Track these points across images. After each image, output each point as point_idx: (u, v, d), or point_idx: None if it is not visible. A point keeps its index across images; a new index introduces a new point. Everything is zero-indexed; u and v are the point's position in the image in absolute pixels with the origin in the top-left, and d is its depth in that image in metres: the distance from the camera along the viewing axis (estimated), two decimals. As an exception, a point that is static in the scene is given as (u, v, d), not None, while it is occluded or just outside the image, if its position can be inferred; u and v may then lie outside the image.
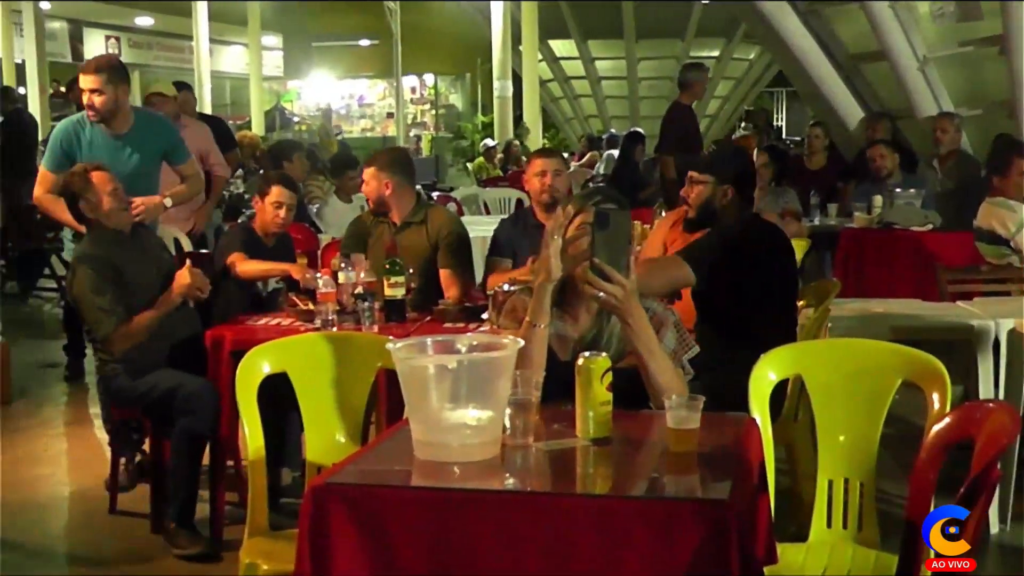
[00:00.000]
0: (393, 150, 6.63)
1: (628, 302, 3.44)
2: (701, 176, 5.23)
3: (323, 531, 2.84)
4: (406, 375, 3.07)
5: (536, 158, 6.40)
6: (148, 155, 6.16)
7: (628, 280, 3.43)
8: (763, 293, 4.94)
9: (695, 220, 5.27)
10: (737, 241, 5.01)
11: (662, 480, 3.08)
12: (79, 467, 6.92)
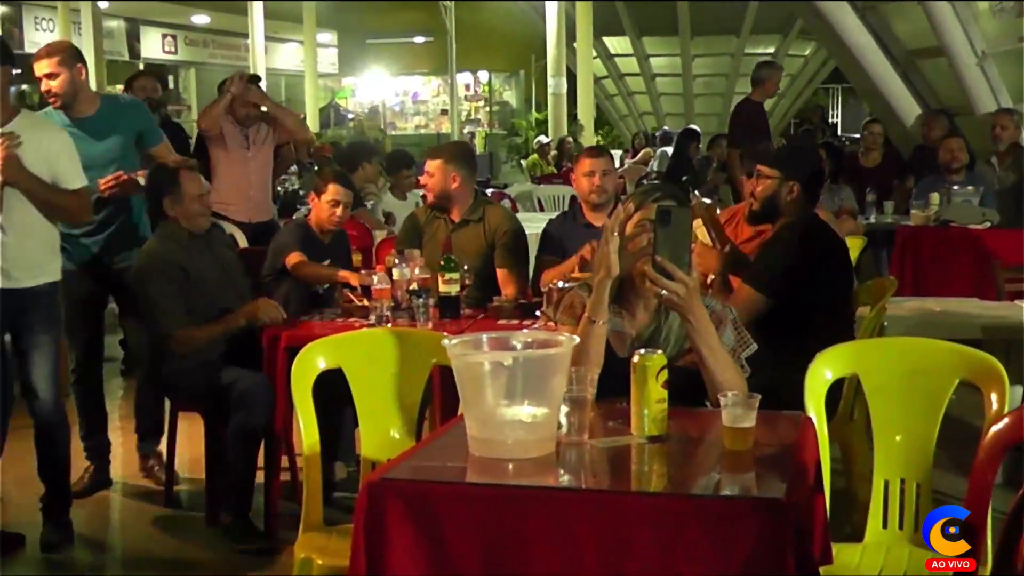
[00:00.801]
0: (459, 144, 6.62)
1: (690, 299, 3.43)
2: (769, 171, 5.20)
3: (378, 526, 2.84)
4: (461, 371, 3.07)
5: (585, 157, 6.30)
6: (118, 140, 6.04)
7: (690, 277, 3.42)
8: (820, 292, 4.92)
9: (758, 213, 5.25)
10: (797, 241, 4.99)
11: (718, 478, 3.07)
12: (135, 460, 6.97)
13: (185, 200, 5.60)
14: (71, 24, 23.81)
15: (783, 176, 5.15)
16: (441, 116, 31.64)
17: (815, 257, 4.99)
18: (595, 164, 6.16)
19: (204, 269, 5.59)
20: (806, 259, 4.95)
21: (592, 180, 6.10)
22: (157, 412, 6.26)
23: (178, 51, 29.18)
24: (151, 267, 5.55)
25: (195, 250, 5.64)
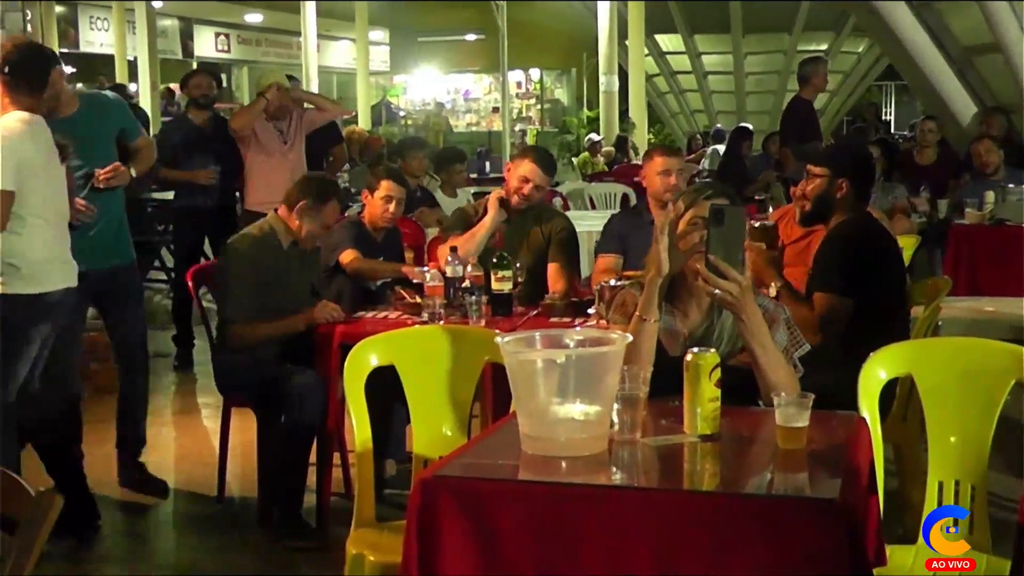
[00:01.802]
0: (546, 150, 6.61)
1: (743, 299, 3.42)
2: (818, 169, 5.17)
3: (431, 523, 2.86)
4: (514, 369, 3.08)
5: (659, 156, 6.21)
6: (98, 136, 5.97)
7: (743, 276, 3.41)
8: (874, 290, 4.89)
9: (810, 213, 5.22)
10: (850, 239, 4.96)
11: (771, 478, 3.06)
12: (187, 455, 7.03)
13: (318, 221, 5.66)
14: (126, 23, 24.01)
15: (832, 174, 5.12)
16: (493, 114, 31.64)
17: (868, 255, 4.96)
18: (671, 163, 6.12)
19: (287, 280, 5.64)
20: (859, 257, 4.92)
21: (667, 179, 6.05)
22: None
23: (231, 50, 29.37)
24: (241, 252, 5.60)
25: (290, 260, 5.68)
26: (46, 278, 5.07)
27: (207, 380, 6.85)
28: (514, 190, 5.99)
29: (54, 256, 5.10)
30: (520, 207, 6.01)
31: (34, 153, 5.04)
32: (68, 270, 5.16)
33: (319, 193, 5.67)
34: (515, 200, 5.99)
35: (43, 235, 5.06)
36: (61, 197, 5.15)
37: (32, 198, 5.01)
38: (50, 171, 5.10)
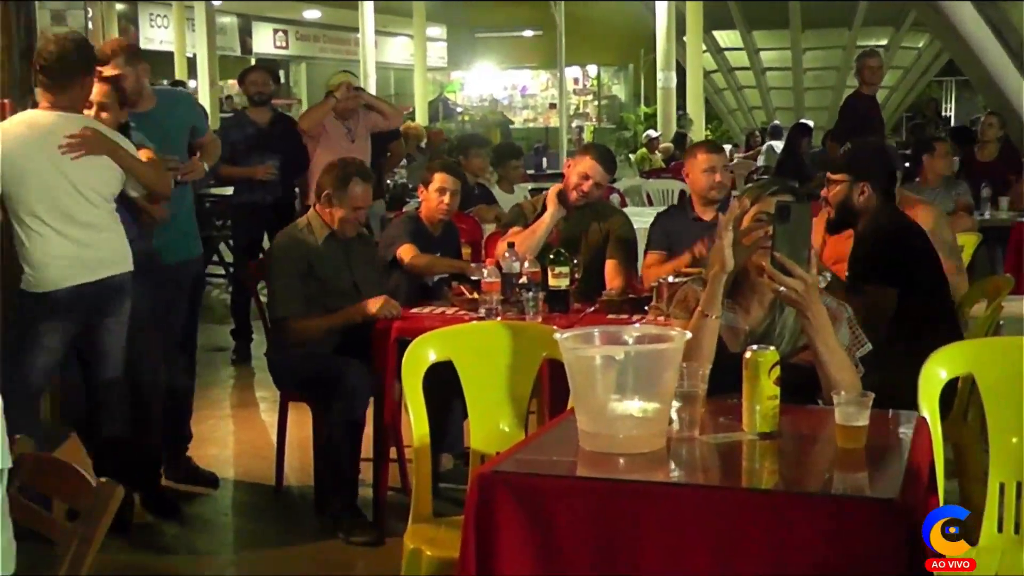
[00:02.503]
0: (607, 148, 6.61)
1: (809, 296, 3.40)
2: (836, 176, 5.15)
3: (488, 519, 2.86)
4: (573, 365, 3.08)
5: (703, 153, 6.17)
6: (174, 131, 6.08)
7: (809, 274, 3.39)
8: (910, 287, 4.85)
9: (836, 221, 5.19)
10: (879, 239, 4.93)
11: (830, 477, 3.04)
12: (245, 448, 7.09)
13: (345, 204, 5.66)
14: (185, 20, 24.18)
15: (852, 178, 5.09)
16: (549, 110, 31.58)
17: (899, 252, 4.93)
18: (715, 160, 6.08)
19: (330, 270, 5.65)
20: (891, 255, 4.90)
21: (712, 177, 6.02)
22: None
23: (289, 46, 29.48)
24: (279, 251, 5.66)
25: (328, 249, 5.69)
26: (48, 278, 5.13)
27: (265, 374, 6.87)
28: (573, 186, 5.97)
29: (57, 255, 5.13)
30: (579, 203, 5.99)
31: (24, 154, 5.08)
32: (77, 267, 5.16)
33: (339, 178, 5.68)
34: (574, 196, 5.97)
35: (41, 236, 5.10)
36: (69, 197, 5.13)
37: (27, 199, 5.08)
38: (52, 172, 5.10)
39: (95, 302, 5.20)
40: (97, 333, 5.26)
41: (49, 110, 5.16)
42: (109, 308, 5.23)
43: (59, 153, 5.09)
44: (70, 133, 5.11)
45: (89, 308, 5.19)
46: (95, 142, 5.16)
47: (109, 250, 5.23)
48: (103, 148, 5.17)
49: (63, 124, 5.12)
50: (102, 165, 5.19)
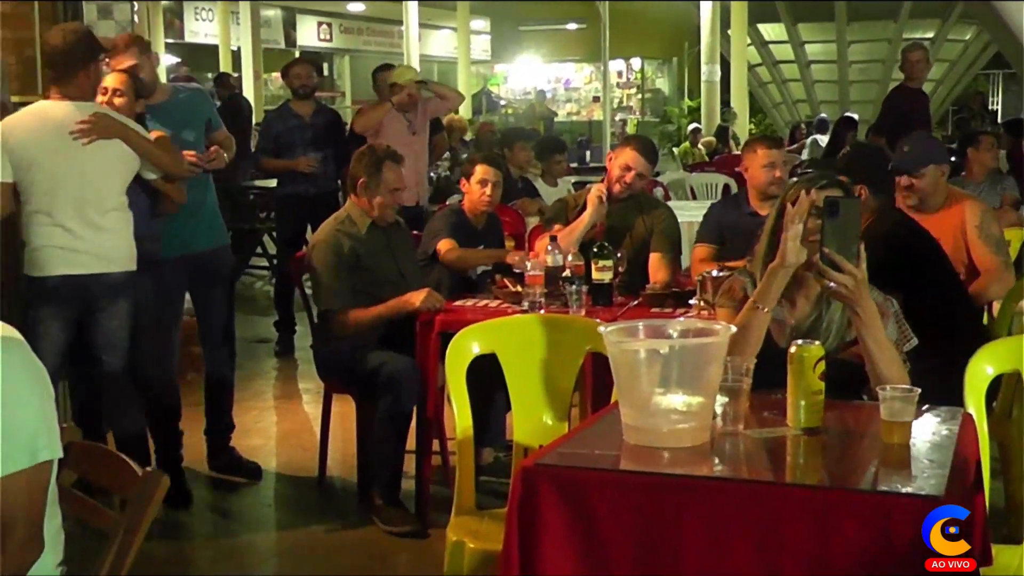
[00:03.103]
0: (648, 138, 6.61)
1: (859, 292, 3.38)
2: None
3: (532, 512, 2.87)
4: (617, 359, 3.08)
5: (763, 148, 6.11)
6: (191, 125, 6.07)
7: (859, 269, 3.37)
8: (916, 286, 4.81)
9: None
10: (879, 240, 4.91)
11: (875, 473, 3.03)
12: (288, 439, 7.12)
13: (381, 189, 5.67)
14: (230, 14, 24.29)
15: (851, 180, 5.06)
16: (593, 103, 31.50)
17: (900, 253, 4.89)
18: (774, 155, 6.05)
19: (376, 259, 5.66)
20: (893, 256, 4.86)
21: (772, 172, 5.98)
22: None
23: (333, 39, 29.52)
24: (323, 244, 5.65)
25: (372, 238, 5.69)
26: (43, 263, 5.17)
27: (308, 366, 6.92)
28: (616, 179, 5.97)
29: (53, 244, 5.16)
30: (622, 196, 5.98)
31: (33, 143, 5.13)
32: (68, 258, 5.18)
33: (371, 164, 5.69)
34: (617, 188, 5.96)
35: (40, 223, 5.15)
36: (79, 187, 5.17)
37: (33, 188, 5.13)
38: (62, 161, 5.14)
39: (85, 296, 5.21)
40: (93, 327, 5.28)
41: (59, 100, 5.21)
42: (101, 304, 5.25)
43: (71, 142, 5.13)
44: (80, 120, 5.15)
45: (79, 301, 5.20)
46: (106, 126, 5.20)
47: (105, 247, 5.24)
48: (114, 132, 5.21)
49: (74, 112, 5.17)
50: (115, 151, 5.23)
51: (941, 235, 5.30)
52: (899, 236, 4.97)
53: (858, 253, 3.40)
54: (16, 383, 2.66)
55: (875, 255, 4.89)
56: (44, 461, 2.67)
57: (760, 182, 6.02)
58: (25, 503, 2.63)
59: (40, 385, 2.71)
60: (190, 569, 5.27)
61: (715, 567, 2.77)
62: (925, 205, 5.54)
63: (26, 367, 2.70)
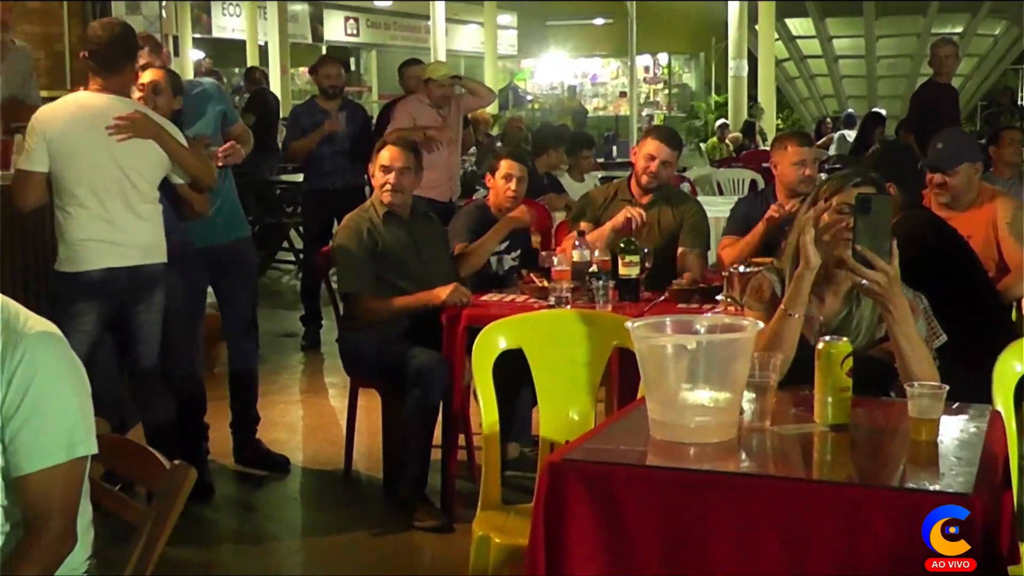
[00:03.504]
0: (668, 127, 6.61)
1: (891, 289, 3.36)
2: None
3: (558, 507, 2.86)
4: (644, 354, 3.07)
5: (793, 145, 6.06)
6: (209, 121, 6.07)
7: (891, 267, 3.36)
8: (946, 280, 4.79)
9: None
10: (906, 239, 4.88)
11: (902, 470, 3.02)
12: (314, 433, 7.14)
13: (376, 169, 5.75)
14: (257, 9, 24.35)
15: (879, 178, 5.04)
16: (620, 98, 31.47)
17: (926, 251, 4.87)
18: (804, 153, 6.02)
19: (394, 249, 5.67)
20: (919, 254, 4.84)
21: (802, 170, 5.96)
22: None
23: (360, 34, 29.56)
24: (344, 230, 5.71)
25: (391, 228, 5.71)
26: (84, 258, 5.18)
27: (334, 360, 6.93)
28: (641, 170, 5.97)
29: (91, 237, 5.18)
30: (650, 186, 5.98)
31: (73, 133, 5.14)
32: (110, 251, 5.20)
33: (376, 151, 5.79)
34: (644, 180, 5.96)
35: (79, 216, 5.16)
36: (114, 179, 5.18)
37: (70, 179, 5.14)
38: (100, 153, 5.16)
39: (126, 288, 5.23)
40: (129, 320, 5.30)
41: (100, 92, 5.23)
42: (139, 296, 5.27)
43: (108, 134, 5.14)
44: (119, 115, 5.17)
45: (120, 294, 5.22)
46: (143, 125, 5.21)
47: (144, 238, 5.26)
48: (150, 132, 5.22)
49: (114, 106, 5.18)
50: (148, 149, 5.23)
51: (972, 232, 5.27)
52: (926, 234, 4.95)
53: (890, 250, 3.38)
54: (55, 378, 2.68)
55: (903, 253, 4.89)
56: (80, 457, 2.69)
57: (790, 179, 5.99)
58: (60, 497, 2.65)
59: (78, 380, 2.73)
60: (216, 562, 5.29)
61: (742, 563, 2.76)
62: (957, 203, 5.53)
63: (65, 362, 2.72)
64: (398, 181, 5.72)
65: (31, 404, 2.62)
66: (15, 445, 2.63)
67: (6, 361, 2.63)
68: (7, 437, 2.63)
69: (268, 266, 12.93)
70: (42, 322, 2.73)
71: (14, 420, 2.62)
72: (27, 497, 2.64)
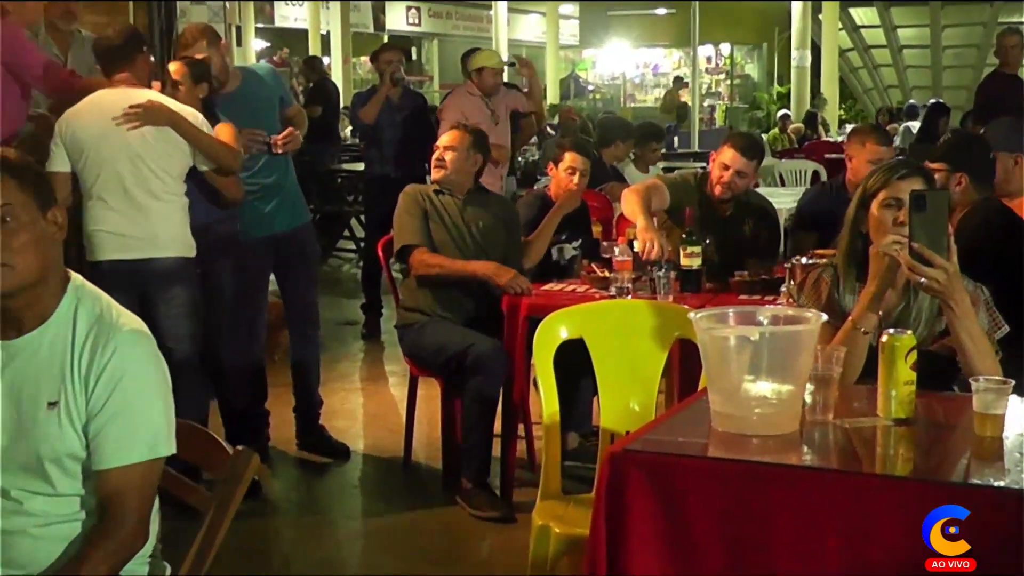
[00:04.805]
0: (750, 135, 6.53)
1: (951, 285, 3.32)
2: (935, 165, 5.04)
3: (619, 497, 2.85)
4: (707, 345, 3.06)
5: (872, 144, 5.92)
6: (262, 107, 6.10)
7: (950, 263, 3.32)
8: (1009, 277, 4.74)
9: None
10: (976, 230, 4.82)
11: (966, 465, 2.98)
12: (374, 421, 7.17)
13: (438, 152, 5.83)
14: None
15: (950, 168, 4.97)
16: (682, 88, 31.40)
17: (995, 243, 4.81)
18: (883, 153, 5.87)
19: (438, 221, 5.72)
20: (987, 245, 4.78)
21: None
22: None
23: (421, 23, 29.61)
24: (401, 195, 5.83)
25: (439, 202, 5.77)
26: (96, 249, 5.26)
27: (394, 349, 6.96)
28: (716, 179, 5.81)
29: (101, 228, 5.24)
30: (724, 197, 5.83)
31: (80, 132, 5.22)
32: (117, 243, 5.24)
33: None
34: (717, 191, 5.81)
35: (93, 208, 5.24)
36: (123, 171, 5.22)
37: (86, 173, 5.23)
38: (105, 146, 5.21)
39: (137, 282, 5.24)
40: (152, 314, 5.24)
41: (112, 87, 5.32)
42: (155, 290, 5.28)
43: (120, 126, 5.19)
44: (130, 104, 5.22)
45: (131, 286, 5.17)
46: (155, 112, 5.24)
47: (157, 231, 5.27)
48: (163, 119, 5.24)
49: (128, 97, 5.25)
50: (167, 137, 5.27)
51: None
52: (995, 224, 4.90)
53: (948, 245, 3.34)
54: (144, 377, 2.73)
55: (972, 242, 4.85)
56: (159, 457, 2.73)
57: (862, 177, 5.89)
58: (138, 494, 2.70)
59: (163, 380, 2.78)
60: (276, 548, 5.33)
61: (803, 556, 2.74)
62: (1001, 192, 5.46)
63: (153, 362, 2.77)
64: (440, 157, 5.80)
65: (118, 402, 2.67)
66: (99, 440, 2.68)
67: (96, 355, 2.68)
68: (92, 431, 2.68)
69: (329, 254, 13.00)
70: (133, 319, 2.78)
71: (100, 415, 2.67)
72: (106, 490, 2.69)
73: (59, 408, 2.67)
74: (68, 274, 2.81)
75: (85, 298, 2.77)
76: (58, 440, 2.67)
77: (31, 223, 2.66)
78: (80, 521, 2.73)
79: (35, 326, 2.72)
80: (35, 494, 2.70)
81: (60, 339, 2.71)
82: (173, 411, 2.78)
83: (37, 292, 2.70)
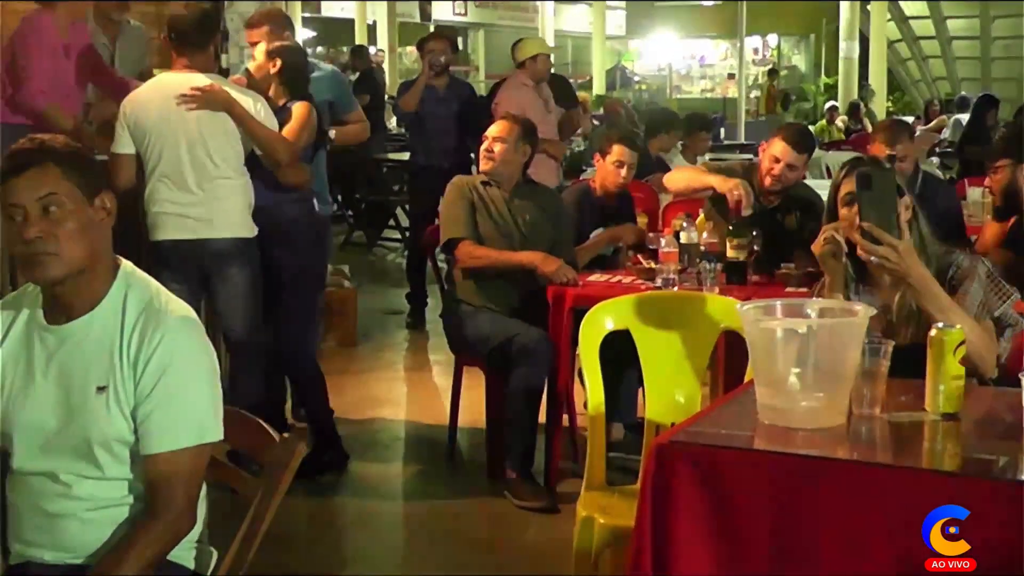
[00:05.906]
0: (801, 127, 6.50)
1: (904, 262, 3.33)
2: (1000, 161, 5.00)
3: (665, 489, 2.85)
4: (754, 337, 3.05)
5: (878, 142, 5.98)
6: None
7: (900, 240, 3.33)
8: None
9: (1001, 207, 5.05)
10: None
11: (1015, 462, 2.96)
12: (418, 410, 7.18)
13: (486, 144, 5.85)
14: (367, -12, 24.48)
15: (1014, 161, 4.93)
16: (728, 80, 31.23)
17: None
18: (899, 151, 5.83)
19: (484, 213, 5.73)
20: None
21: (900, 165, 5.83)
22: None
23: (468, 13, 29.59)
24: (449, 186, 5.86)
25: (486, 194, 5.78)
26: (157, 228, 5.36)
27: (439, 338, 6.97)
28: (765, 171, 5.76)
29: (162, 209, 5.34)
30: (773, 188, 5.80)
31: (143, 114, 5.31)
32: (176, 223, 5.34)
33: None
34: (767, 182, 5.76)
35: (154, 189, 5.34)
36: (184, 152, 5.29)
37: (150, 155, 5.32)
38: (166, 127, 5.29)
39: (195, 261, 5.35)
40: (211, 294, 5.43)
41: (180, 71, 5.39)
42: (213, 269, 5.37)
43: (180, 108, 5.28)
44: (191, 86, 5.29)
45: (191, 266, 5.33)
46: (211, 97, 5.31)
47: (214, 212, 5.34)
48: (219, 104, 5.31)
49: (189, 80, 5.32)
50: (221, 123, 5.34)
51: None
52: None
53: (898, 224, 3.35)
54: (192, 364, 2.75)
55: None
56: (207, 442, 2.76)
57: None
58: (186, 479, 2.73)
59: (211, 367, 2.81)
60: (320, 534, 5.35)
61: (850, 549, 2.74)
62: None
63: (201, 348, 2.79)
64: (489, 148, 5.80)
65: (166, 388, 2.70)
66: (147, 425, 2.71)
67: (145, 341, 2.70)
68: (140, 416, 2.70)
69: (375, 243, 13.03)
70: (182, 306, 2.80)
71: (148, 400, 2.71)
72: (153, 475, 2.72)
73: (108, 393, 2.70)
74: (118, 261, 2.84)
75: (135, 285, 2.80)
76: (107, 424, 2.70)
77: (77, 211, 2.69)
78: (128, 505, 2.76)
79: (85, 312, 2.75)
80: (84, 478, 2.73)
81: (110, 325, 2.73)
82: (221, 398, 2.80)
83: (85, 278, 2.73)
